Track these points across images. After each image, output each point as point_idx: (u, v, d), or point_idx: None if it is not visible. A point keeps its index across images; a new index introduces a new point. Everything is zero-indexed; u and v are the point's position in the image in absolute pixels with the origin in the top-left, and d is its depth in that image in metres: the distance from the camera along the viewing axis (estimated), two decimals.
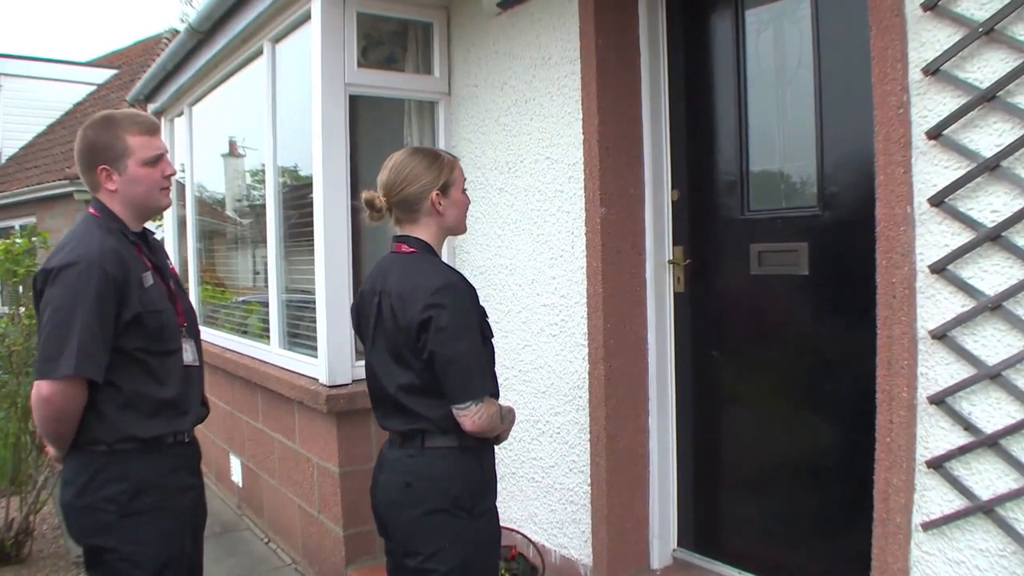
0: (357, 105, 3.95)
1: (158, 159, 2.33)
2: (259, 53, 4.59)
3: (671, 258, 3.38)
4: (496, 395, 2.32)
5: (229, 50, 4.94)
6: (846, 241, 2.73)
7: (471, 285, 2.29)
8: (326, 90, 3.74)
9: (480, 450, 2.30)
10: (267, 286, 4.66)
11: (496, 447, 2.42)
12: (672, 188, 3.37)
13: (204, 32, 5.00)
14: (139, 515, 2.21)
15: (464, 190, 2.40)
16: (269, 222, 4.50)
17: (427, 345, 2.16)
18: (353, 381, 3.87)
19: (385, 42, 4.09)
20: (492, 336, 2.36)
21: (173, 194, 2.47)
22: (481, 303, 2.32)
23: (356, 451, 3.85)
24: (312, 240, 3.91)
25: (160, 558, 2.25)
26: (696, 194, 3.31)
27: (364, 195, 2.31)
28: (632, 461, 3.35)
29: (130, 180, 2.29)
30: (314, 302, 3.96)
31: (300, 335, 4.35)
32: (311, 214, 3.92)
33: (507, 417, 2.39)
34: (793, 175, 2.98)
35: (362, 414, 3.82)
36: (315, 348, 3.96)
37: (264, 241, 4.74)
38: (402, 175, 2.28)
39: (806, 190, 2.91)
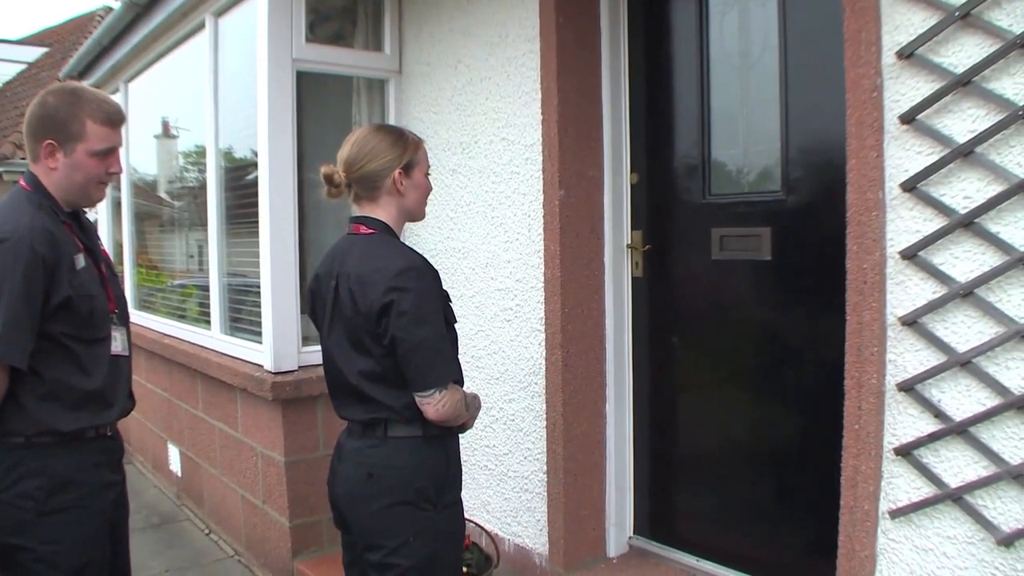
0: (304, 82, 3.80)
1: (109, 152, 2.18)
2: (200, 27, 4.40)
3: (630, 242, 3.33)
4: (460, 382, 2.23)
5: (168, 24, 4.73)
6: (809, 226, 2.72)
7: (434, 268, 2.20)
8: (272, 65, 3.59)
9: (445, 439, 2.21)
10: (205, 269, 4.50)
11: None
12: (631, 171, 3.32)
13: (143, 5, 4.79)
14: (58, 513, 2.07)
15: (427, 175, 2.31)
16: (210, 203, 4.33)
17: (388, 330, 2.06)
18: (299, 368, 3.74)
19: (334, 17, 3.95)
20: (455, 321, 2.27)
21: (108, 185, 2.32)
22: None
23: (302, 440, 3.73)
24: (256, 222, 3.77)
25: (79, 559, 2.12)
26: (656, 177, 3.26)
27: (323, 169, 2.20)
28: (589, 448, 3.31)
29: (73, 165, 2.14)
30: (258, 286, 3.82)
31: (243, 320, 4.20)
32: (255, 195, 3.77)
33: (472, 404, 2.31)
34: (756, 159, 2.95)
35: (308, 401, 3.71)
36: (259, 333, 3.82)
37: (201, 223, 4.57)
38: (364, 150, 2.18)
39: (769, 174, 2.88)
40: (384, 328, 2.07)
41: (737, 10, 2.95)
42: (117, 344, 2.25)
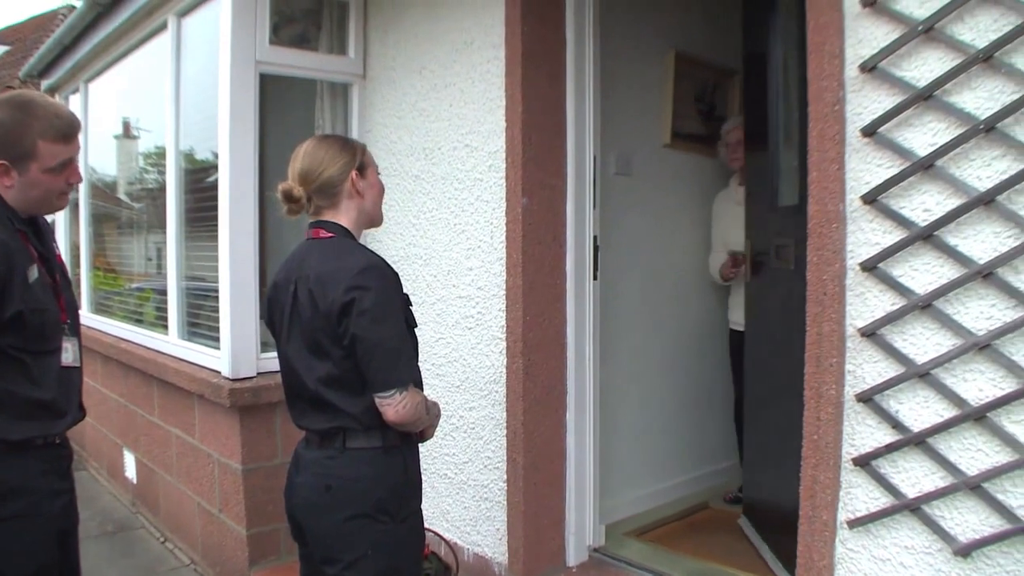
0: (267, 85, 3.76)
1: (66, 165, 2.12)
2: (163, 28, 4.33)
3: (593, 250, 3.33)
4: (420, 385, 2.21)
5: (131, 24, 4.66)
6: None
7: (395, 271, 2.17)
8: (235, 67, 3.54)
9: (404, 450, 2.18)
10: (162, 273, 4.42)
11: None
12: (595, 179, 3.32)
13: (106, 4, 4.71)
14: (5, 521, 2.01)
15: (378, 174, 2.32)
16: (169, 206, 4.25)
17: (349, 329, 2.03)
18: (258, 374, 3.69)
19: (298, 20, 3.91)
20: (416, 326, 2.25)
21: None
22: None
23: (260, 447, 3.67)
24: (215, 225, 3.70)
25: (28, 567, 2.05)
26: None
27: (281, 187, 2.17)
28: (549, 457, 3.30)
29: (28, 183, 2.07)
30: (216, 290, 3.76)
31: (201, 325, 4.13)
32: (215, 198, 3.71)
33: (432, 410, 2.29)
34: None
35: (266, 409, 3.66)
36: (217, 339, 3.75)
37: (160, 226, 4.49)
38: (316, 159, 2.17)
39: None
40: (344, 328, 2.04)
41: None
42: (68, 355, 2.19)
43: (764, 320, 3.37)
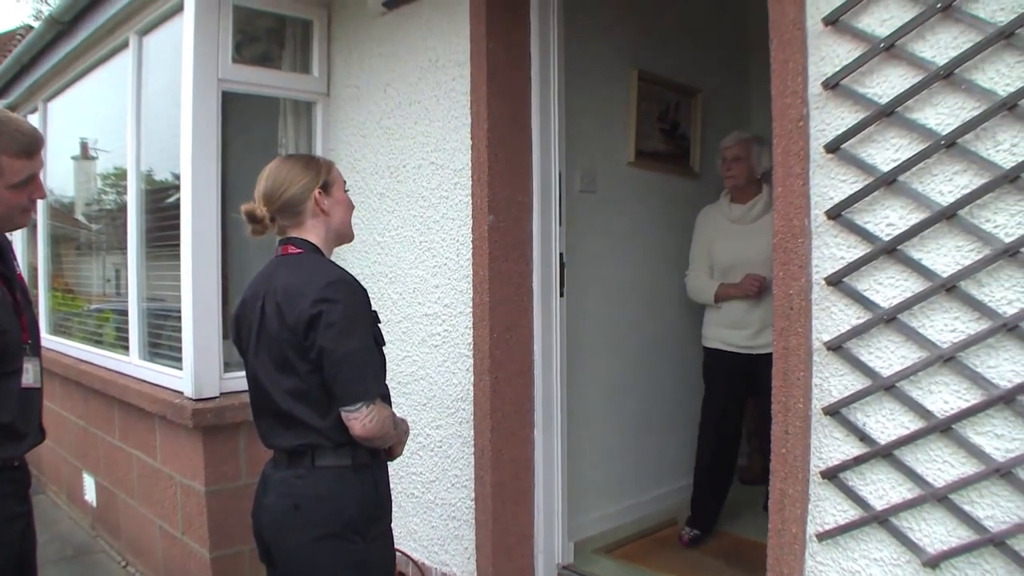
0: (230, 104, 3.72)
1: (29, 181, 2.08)
2: (124, 46, 4.28)
3: (559, 267, 3.33)
4: (388, 400, 2.19)
5: (91, 42, 4.60)
6: None
7: (364, 287, 2.16)
8: (198, 84, 3.50)
9: (374, 469, 2.18)
10: (123, 293, 4.35)
11: None
12: (561, 196, 3.33)
13: (66, 23, 4.64)
14: None
15: (346, 190, 2.33)
16: (130, 226, 4.19)
17: (316, 343, 2.02)
18: (221, 394, 3.63)
19: (261, 38, 3.88)
20: (384, 344, 2.23)
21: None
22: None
23: (224, 468, 3.61)
24: (177, 245, 3.65)
25: None
26: None
27: (244, 208, 2.18)
28: (517, 475, 3.28)
29: None
30: (178, 310, 3.70)
31: (162, 345, 4.07)
32: (177, 217, 3.66)
33: (400, 426, 2.27)
34: None
35: (230, 429, 3.60)
36: (180, 359, 3.69)
37: (120, 247, 4.42)
38: (278, 179, 2.18)
39: None
40: (311, 341, 2.03)
41: None
42: (29, 376, 2.13)
43: None
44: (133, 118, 4.19)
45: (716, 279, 3.88)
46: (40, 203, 5.64)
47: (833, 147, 2.14)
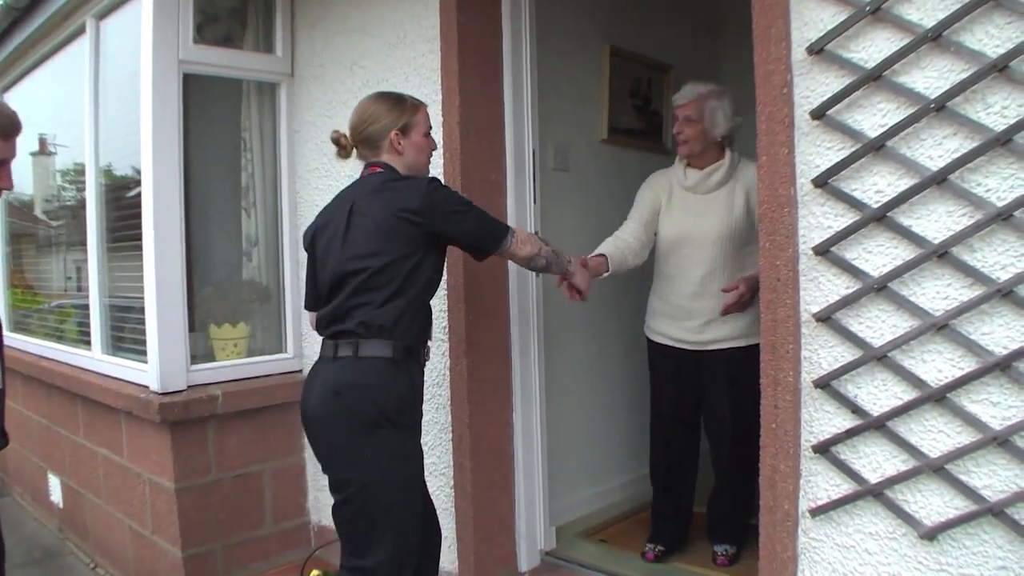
0: (192, 86, 3.58)
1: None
2: (81, 31, 4.12)
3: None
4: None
5: (47, 28, 4.42)
6: None
7: None
8: (158, 66, 3.36)
9: (410, 364, 2.38)
10: (84, 288, 4.21)
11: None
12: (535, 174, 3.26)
13: (20, 8, 4.46)
14: None
15: (428, 134, 2.55)
16: (89, 218, 4.04)
17: (433, 227, 2.34)
18: (188, 387, 3.51)
19: (223, 18, 3.74)
20: None
21: None
22: None
23: (193, 464, 3.50)
24: (139, 238, 3.52)
25: None
26: None
27: (332, 134, 2.57)
28: (497, 461, 3.22)
29: None
30: (141, 303, 3.57)
31: (126, 339, 3.93)
32: (138, 207, 3.53)
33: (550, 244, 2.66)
34: None
35: (198, 423, 3.49)
36: (144, 353, 3.56)
37: (80, 242, 4.27)
38: (364, 115, 2.49)
39: None
40: (424, 224, 2.32)
41: None
42: None
43: None
44: (91, 106, 4.04)
45: (662, 255, 3.36)
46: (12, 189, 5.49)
47: (819, 114, 2.09)
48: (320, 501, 3.84)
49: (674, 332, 3.33)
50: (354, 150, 2.55)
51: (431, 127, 2.58)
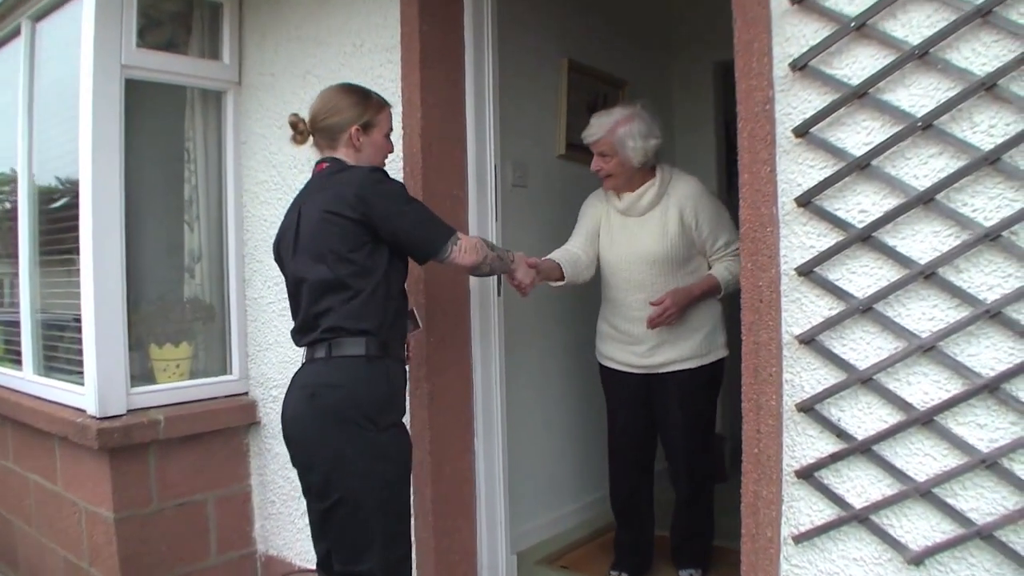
0: (134, 93, 3.39)
1: None
2: (16, 34, 3.91)
3: None
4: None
5: None
6: None
7: None
8: (99, 70, 3.18)
9: (387, 361, 2.33)
10: (15, 303, 3.98)
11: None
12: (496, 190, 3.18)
13: None
14: None
15: (388, 136, 2.53)
16: (21, 230, 3.83)
17: (371, 221, 2.26)
18: (128, 411, 3.32)
19: (166, 23, 3.58)
20: None
21: None
22: None
23: (133, 492, 3.30)
24: (75, 249, 3.34)
25: None
26: None
27: (290, 117, 2.48)
28: (459, 488, 3.11)
29: None
30: (77, 320, 3.38)
31: (60, 359, 3.72)
32: (74, 218, 3.34)
33: (496, 249, 2.60)
34: None
35: (139, 449, 3.30)
36: (81, 374, 3.36)
37: (10, 255, 4.05)
38: (327, 105, 2.43)
39: None
40: (362, 220, 2.25)
41: None
42: None
43: None
44: (25, 110, 3.83)
45: (605, 279, 3.34)
46: None
47: (802, 131, 2.05)
48: (267, 530, 3.68)
49: (623, 356, 3.32)
50: (310, 137, 2.49)
51: (392, 129, 2.56)
